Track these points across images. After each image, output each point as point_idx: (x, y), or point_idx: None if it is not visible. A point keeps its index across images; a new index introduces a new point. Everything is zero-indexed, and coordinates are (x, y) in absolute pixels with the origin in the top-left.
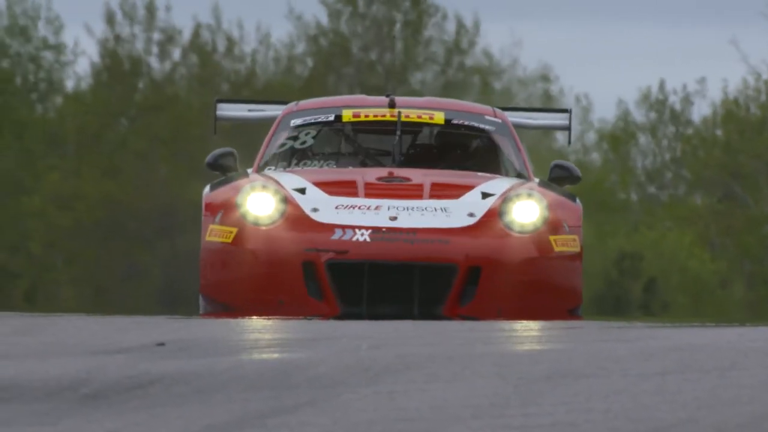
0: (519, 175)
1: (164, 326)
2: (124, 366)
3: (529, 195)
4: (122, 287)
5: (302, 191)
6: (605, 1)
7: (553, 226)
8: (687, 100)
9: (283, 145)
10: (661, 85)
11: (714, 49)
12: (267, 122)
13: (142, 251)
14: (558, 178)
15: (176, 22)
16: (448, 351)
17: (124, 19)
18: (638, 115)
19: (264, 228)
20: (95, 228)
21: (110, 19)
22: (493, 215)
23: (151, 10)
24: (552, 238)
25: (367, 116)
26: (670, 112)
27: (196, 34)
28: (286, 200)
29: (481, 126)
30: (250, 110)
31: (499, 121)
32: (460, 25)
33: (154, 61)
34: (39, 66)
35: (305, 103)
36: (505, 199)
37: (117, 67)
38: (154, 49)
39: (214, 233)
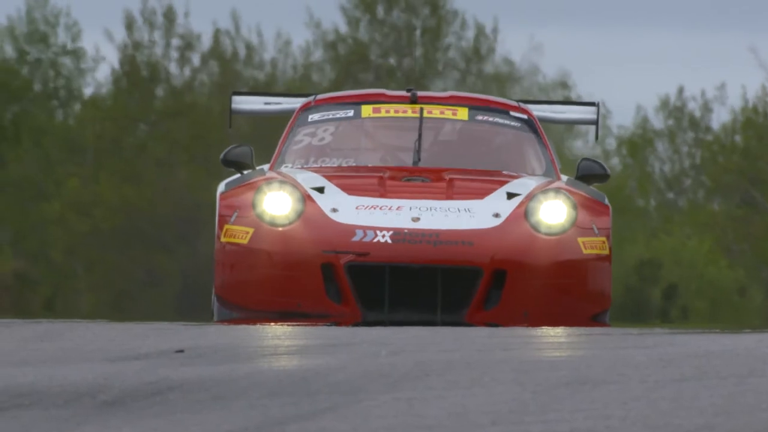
0: (546, 173)
1: (183, 333)
2: (142, 372)
3: (557, 195)
4: (141, 293)
5: (321, 190)
6: (625, 7)
7: (581, 227)
8: (706, 107)
9: (300, 141)
10: (680, 92)
11: (733, 56)
12: (284, 116)
13: (162, 257)
14: (586, 175)
15: (195, 28)
16: (467, 357)
17: (143, 25)
18: (657, 122)
19: (281, 229)
20: (115, 234)
21: (130, 25)
22: (519, 216)
23: (170, 16)
24: (580, 240)
25: (387, 112)
26: (689, 119)
27: (215, 40)
28: (304, 200)
29: (506, 122)
30: (266, 103)
31: (525, 116)
32: (480, 31)
33: (173, 67)
34: (58, 72)
35: (323, 97)
36: (532, 199)
37: (136, 74)
38: (174, 55)
39: (230, 233)
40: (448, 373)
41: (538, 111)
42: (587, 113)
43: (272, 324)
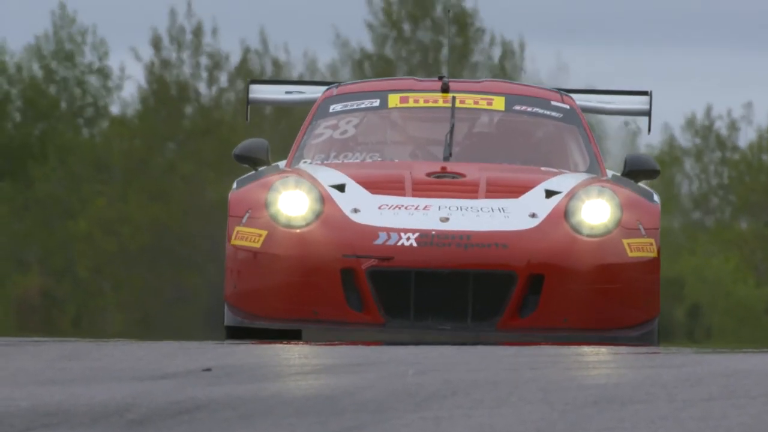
0: (589, 169)
1: (211, 352)
2: (170, 391)
3: (600, 193)
4: (169, 312)
5: (341, 188)
6: (651, 25)
7: (626, 228)
8: (733, 126)
9: (320, 134)
10: (708, 111)
11: (760, 75)
12: (306, 106)
13: (190, 275)
14: (634, 171)
15: (223, 47)
16: (494, 376)
17: (171, 44)
18: (683, 141)
19: (297, 231)
20: (142, 252)
21: (157, 43)
22: (559, 216)
23: (198, 34)
24: (626, 241)
25: (416, 102)
26: (716, 138)
27: (244, 59)
28: (323, 199)
29: (547, 113)
30: (287, 92)
31: (567, 107)
32: (506, 49)
33: (202, 87)
34: (85, 91)
35: (346, 86)
36: (573, 197)
37: (164, 92)
38: (203, 74)
39: (241, 236)
40: (475, 392)
41: (584, 101)
42: (638, 103)
43: (300, 342)
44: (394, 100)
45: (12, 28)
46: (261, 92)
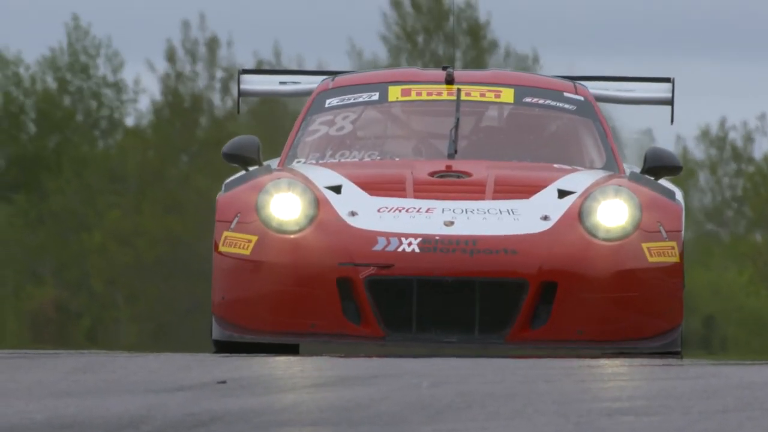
0: (606, 166)
1: (225, 364)
2: (185, 404)
3: (617, 192)
4: (184, 324)
5: (337, 190)
6: (665, 37)
7: (646, 230)
8: (748, 137)
9: (315, 131)
10: (722, 123)
11: None
12: (302, 97)
13: (205, 287)
14: (654, 168)
15: (237, 59)
16: (509, 389)
17: (185, 57)
18: (698, 152)
19: (290, 236)
20: (157, 264)
21: (171, 56)
22: (573, 218)
23: (212, 47)
24: (645, 245)
25: (419, 94)
26: (732, 149)
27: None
28: (317, 202)
29: (559, 105)
30: (281, 83)
31: (581, 98)
32: (520, 61)
33: (216, 98)
34: (101, 102)
35: (343, 78)
36: (588, 197)
37: (178, 104)
38: (216, 86)
39: (229, 242)
40: (490, 404)
41: (600, 90)
42: (660, 91)
43: (317, 356)
44: (394, 92)
45: (26, 39)
46: (253, 83)
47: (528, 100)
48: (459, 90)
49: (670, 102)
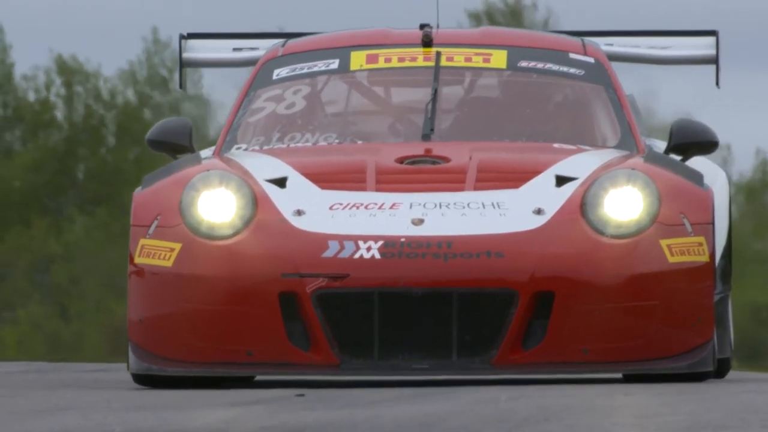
0: (621, 144)
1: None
2: (262, 417)
3: (630, 178)
4: None
5: (281, 183)
6: (739, 47)
7: (666, 223)
8: None
9: (260, 109)
10: None
11: None
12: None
13: None
14: (683, 144)
15: None
16: (588, 402)
17: None
18: None
19: (221, 243)
20: None
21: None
22: (573, 211)
23: None
24: (664, 242)
25: (388, 61)
26: None
27: None
28: (256, 199)
29: (564, 69)
30: (235, 49)
31: (591, 60)
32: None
33: None
34: (181, 116)
35: (296, 43)
36: (592, 184)
37: None
38: None
39: (147, 252)
40: (568, 417)
41: (630, 48)
42: (702, 47)
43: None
44: (358, 59)
45: (106, 53)
46: (199, 50)
47: (524, 64)
48: (438, 54)
49: (714, 60)
